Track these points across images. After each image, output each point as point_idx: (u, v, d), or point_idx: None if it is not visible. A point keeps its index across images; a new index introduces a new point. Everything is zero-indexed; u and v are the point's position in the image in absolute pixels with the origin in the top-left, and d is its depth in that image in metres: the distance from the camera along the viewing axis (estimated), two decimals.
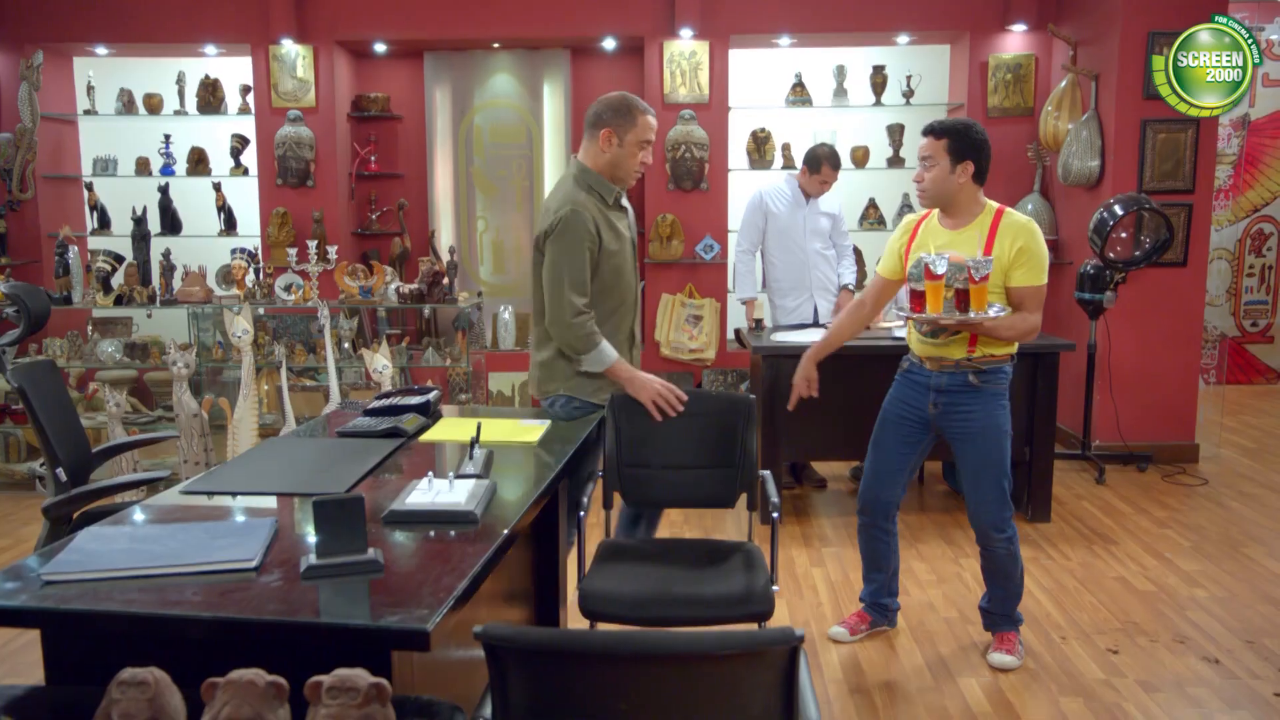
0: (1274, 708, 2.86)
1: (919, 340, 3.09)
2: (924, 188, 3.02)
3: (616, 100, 2.91)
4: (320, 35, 6.05)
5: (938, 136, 2.97)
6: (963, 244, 2.95)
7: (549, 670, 1.43)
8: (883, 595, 3.35)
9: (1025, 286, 2.93)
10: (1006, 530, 3.08)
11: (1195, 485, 5.05)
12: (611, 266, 2.94)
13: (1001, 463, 3.04)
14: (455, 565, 1.78)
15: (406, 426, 2.72)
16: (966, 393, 3.01)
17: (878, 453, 3.23)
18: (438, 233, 6.50)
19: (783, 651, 1.41)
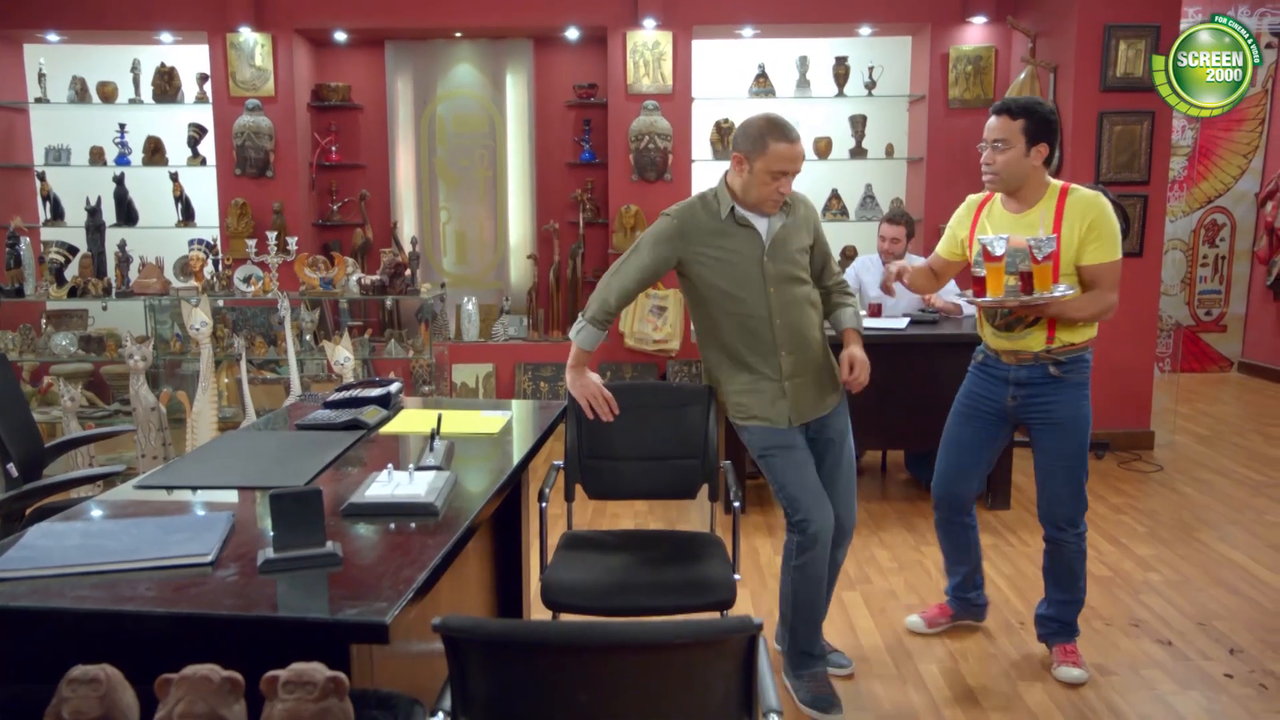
0: (1223, 688, 2.92)
1: (994, 334, 2.96)
2: (995, 171, 2.83)
3: (755, 124, 2.65)
4: (279, 23, 5.97)
5: (1014, 116, 2.78)
6: (1028, 229, 2.81)
7: (508, 661, 1.42)
8: (967, 589, 3.25)
9: (1099, 264, 2.78)
10: (1080, 525, 2.96)
11: (1151, 471, 5.14)
12: (707, 284, 2.74)
13: (1082, 455, 2.92)
14: (415, 557, 1.77)
15: (367, 419, 2.70)
16: (1048, 384, 2.89)
17: (955, 449, 3.10)
18: (400, 224, 6.45)
19: (741, 640, 1.42)
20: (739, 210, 2.70)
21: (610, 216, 6.18)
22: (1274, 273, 7.10)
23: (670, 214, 2.76)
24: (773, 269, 2.71)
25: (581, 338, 2.80)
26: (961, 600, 3.28)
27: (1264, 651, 3.15)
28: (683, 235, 2.71)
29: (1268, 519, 4.39)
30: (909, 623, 3.30)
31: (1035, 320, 2.87)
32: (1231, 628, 3.32)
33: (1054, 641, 3.08)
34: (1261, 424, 6.12)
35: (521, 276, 6.54)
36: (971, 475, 3.11)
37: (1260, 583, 3.69)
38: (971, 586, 3.26)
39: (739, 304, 2.72)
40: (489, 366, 6.27)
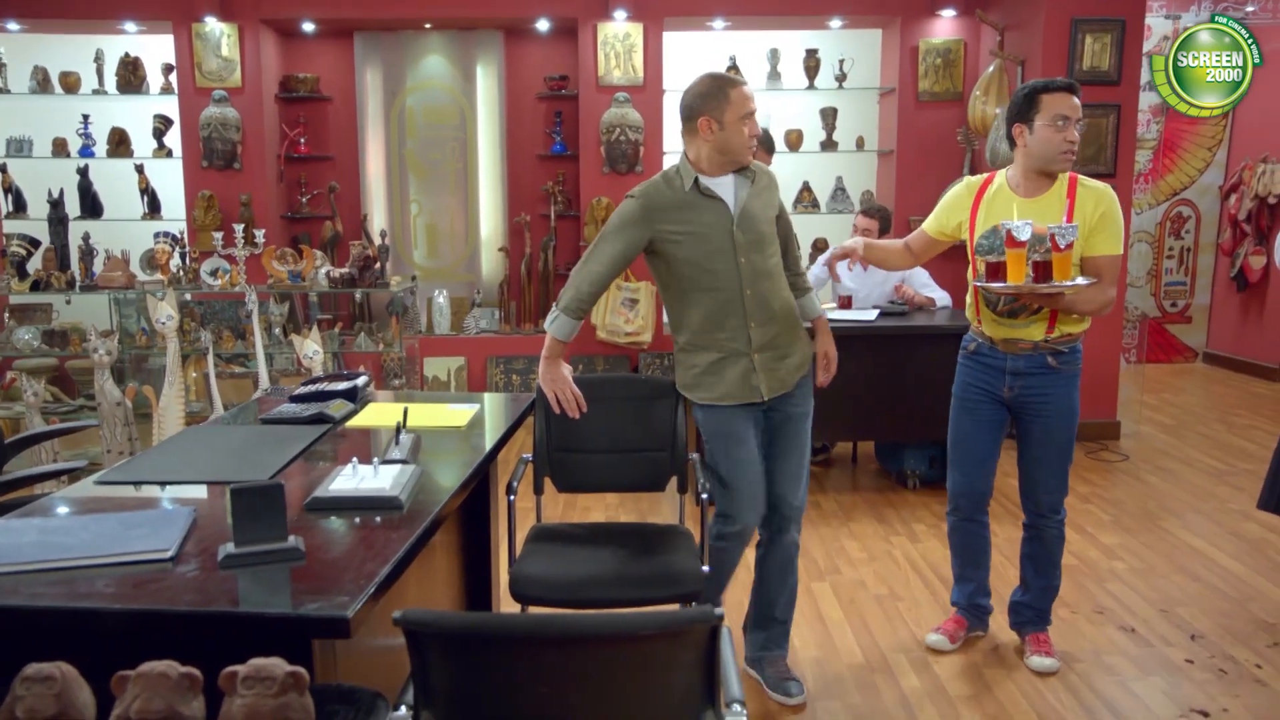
0: (1184, 673, 2.97)
1: (993, 321, 2.90)
2: (1078, 146, 2.80)
3: (704, 84, 2.61)
4: (245, 13, 5.90)
5: (1079, 95, 2.79)
6: (1041, 212, 2.79)
7: (469, 654, 1.42)
8: (979, 595, 3.18)
9: (1105, 255, 2.78)
10: (1061, 511, 2.99)
11: (1116, 461, 5.21)
12: (680, 260, 2.67)
13: (1071, 444, 2.94)
14: (379, 551, 1.76)
15: (333, 412, 2.68)
16: (1045, 375, 2.87)
17: (964, 445, 3.03)
18: (370, 216, 6.41)
19: (703, 631, 1.42)
20: (704, 182, 2.65)
21: (581, 209, 6.17)
22: (1237, 265, 7.20)
23: (634, 195, 2.69)
24: (742, 239, 2.66)
25: (556, 328, 2.73)
26: (975, 608, 3.19)
27: (1224, 637, 3.20)
28: (649, 214, 2.65)
29: (1230, 507, 4.46)
30: (931, 642, 3.14)
31: (1038, 309, 2.82)
32: (1193, 614, 3.37)
33: (1027, 630, 3.10)
34: (1225, 414, 6.21)
35: (493, 269, 6.51)
36: (987, 470, 3.05)
37: (1221, 569, 3.75)
38: (983, 593, 3.18)
39: (712, 278, 2.66)
40: (460, 360, 6.24)
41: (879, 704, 2.82)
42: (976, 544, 3.12)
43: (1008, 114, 2.86)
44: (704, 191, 2.66)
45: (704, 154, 2.65)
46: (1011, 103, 2.86)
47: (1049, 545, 3.02)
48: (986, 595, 3.19)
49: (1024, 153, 2.83)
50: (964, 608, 3.19)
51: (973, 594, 3.17)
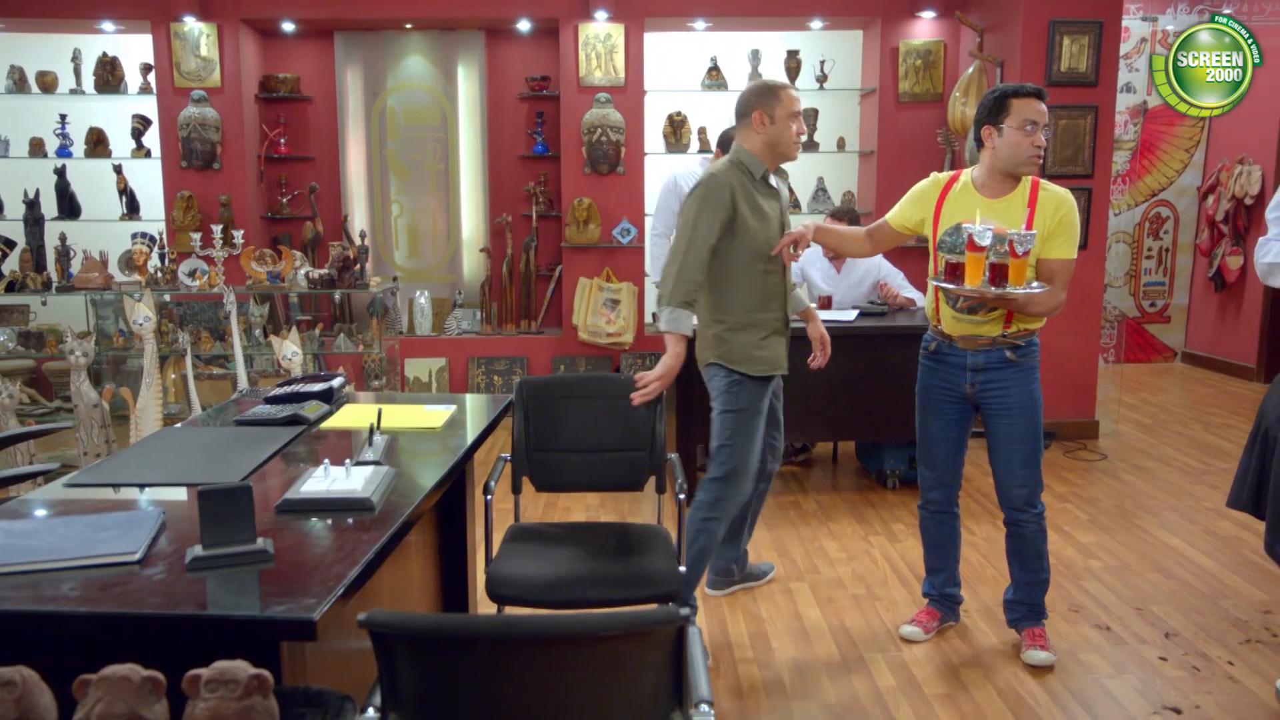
0: (1158, 670, 2.99)
1: (953, 318, 2.96)
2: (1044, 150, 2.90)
3: (758, 86, 3.04)
4: (224, 13, 5.87)
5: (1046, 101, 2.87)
6: (1004, 214, 2.84)
7: (435, 656, 1.42)
8: (949, 585, 3.23)
9: (1060, 259, 2.85)
10: (1038, 505, 3.02)
11: (1095, 460, 5.24)
12: (749, 240, 3.00)
13: (1038, 436, 2.98)
14: (348, 553, 1.76)
15: (308, 414, 2.67)
16: (1004, 369, 2.93)
17: (930, 443, 3.10)
18: (351, 217, 6.38)
19: (669, 631, 1.43)
20: (769, 174, 3.06)
21: (563, 209, 6.16)
22: (1215, 265, 7.25)
23: (716, 177, 2.97)
24: (785, 229, 3.11)
25: (680, 322, 2.92)
26: (945, 598, 3.24)
27: (1197, 634, 3.22)
28: (733, 195, 2.95)
29: (1205, 505, 4.50)
30: (906, 633, 3.19)
31: (995, 308, 2.88)
32: (1167, 612, 3.40)
33: (1023, 626, 3.12)
34: (1202, 413, 6.25)
35: (474, 270, 6.50)
36: (955, 465, 3.12)
37: (1196, 567, 3.78)
38: (953, 583, 3.24)
39: (767, 262, 3.03)
40: (442, 360, 6.23)
41: (855, 703, 2.83)
42: (947, 535, 3.19)
43: (976, 116, 2.92)
44: (769, 182, 3.08)
45: (758, 148, 3.01)
46: (981, 105, 2.91)
47: (1031, 540, 3.05)
48: (957, 585, 3.25)
49: (991, 154, 2.89)
50: (935, 598, 3.25)
51: (943, 584, 3.23)
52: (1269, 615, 3.34)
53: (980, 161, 2.95)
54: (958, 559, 3.25)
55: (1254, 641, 3.17)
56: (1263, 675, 2.94)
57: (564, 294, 6.22)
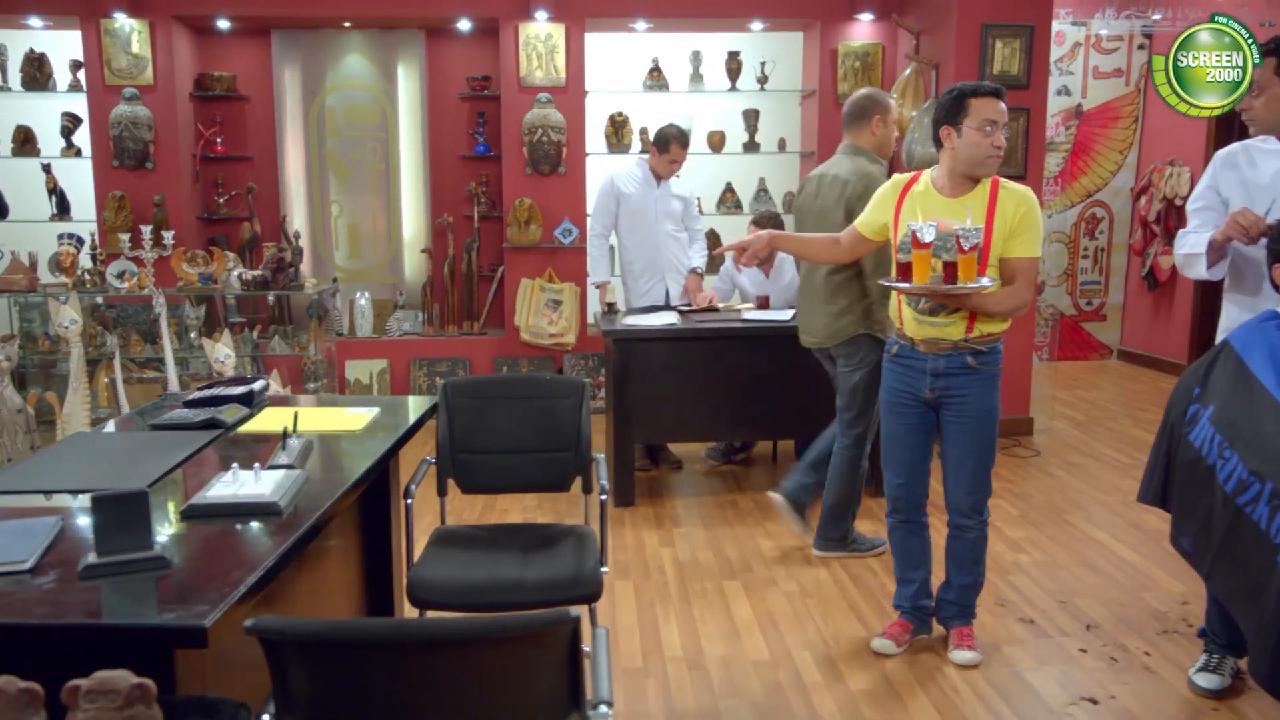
0: (1077, 662, 3.05)
1: (915, 320, 2.92)
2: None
3: (877, 93, 3.75)
4: (156, 9, 5.77)
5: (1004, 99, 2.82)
6: (958, 214, 2.80)
7: (325, 661, 1.41)
8: (921, 597, 3.16)
9: (1023, 258, 2.82)
10: (984, 512, 3.02)
11: (1028, 457, 5.33)
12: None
13: (992, 445, 2.97)
14: (250, 559, 1.73)
15: (225, 417, 2.63)
16: (964, 375, 2.89)
17: (898, 447, 3.05)
18: (289, 217, 6.30)
19: (563, 633, 1.42)
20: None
21: (505, 210, 6.14)
22: (1148, 264, 7.41)
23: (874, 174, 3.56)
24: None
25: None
26: (918, 610, 3.17)
27: (1117, 626, 3.29)
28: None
29: (1132, 500, 4.56)
30: (877, 647, 3.10)
31: (957, 308, 2.84)
32: (1090, 604, 3.47)
33: (953, 624, 3.12)
34: (1134, 409, 6.39)
35: (416, 271, 6.45)
36: (923, 469, 3.07)
37: (1120, 560, 3.86)
38: (925, 594, 3.17)
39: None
40: (383, 362, 6.18)
41: (782, 701, 2.85)
42: (916, 545, 3.13)
43: (935, 116, 2.87)
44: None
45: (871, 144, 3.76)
46: (939, 105, 2.87)
47: (973, 545, 3.05)
48: (929, 596, 3.19)
49: (951, 155, 2.84)
50: (907, 610, 3.17)
51: (915, 595, 3.16)
52: (1187, 606, 3.42)
53: (939, 162, 2.92)
54: (929, 569, 3.18)
55: (1171, 632, 3.24)
56: (1177, 665, 3.01)
57: (506, 295, 6.20)
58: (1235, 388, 2.33)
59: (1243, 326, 2.49)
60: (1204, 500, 2.35)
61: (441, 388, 2.91)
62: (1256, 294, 2.66)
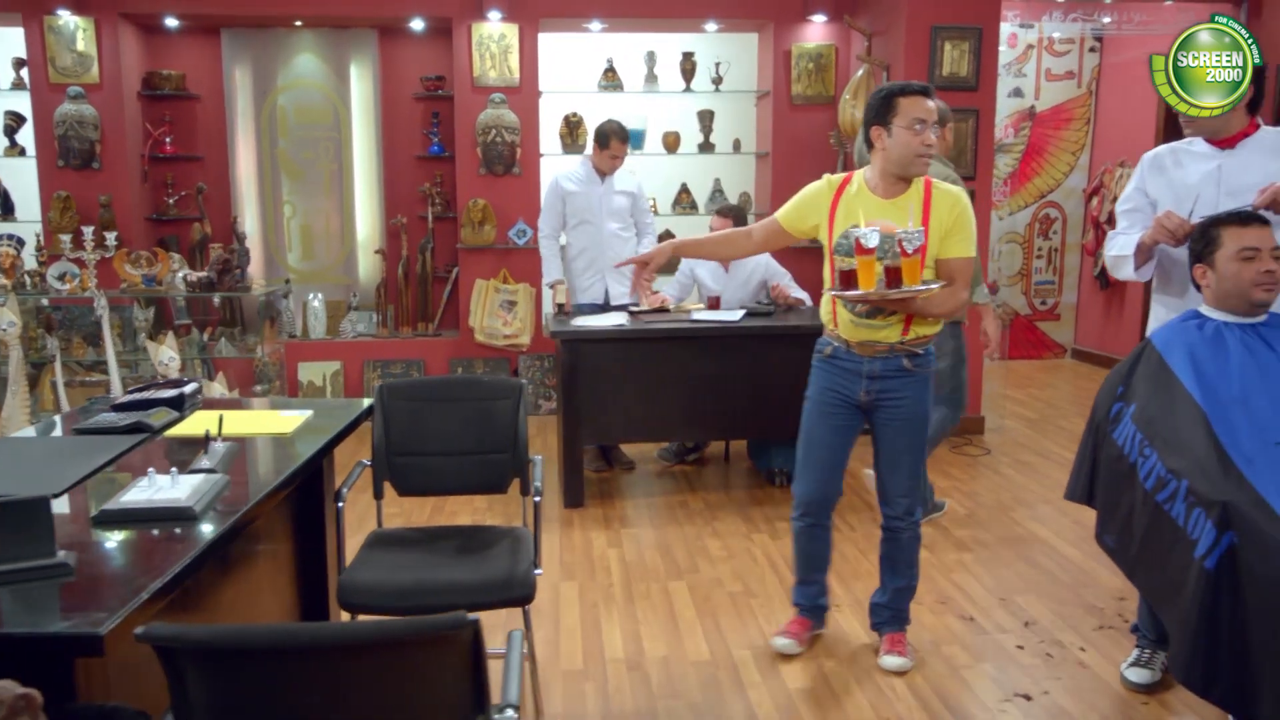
0: (1013, 659, 3.08)
1: (851, 322, 2.87)
2: (935, 148, 2.83)
3: (943, 104, 3.50)
4: (101, 7, 5.68)
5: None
6: (899, 214, 2.77)
7: (220, 668, 1.39)
8: (821, 596, 3.17)
9: (959, 258, 2.81)
10: (917, 513, 3.03)
11: (979, 455, 5.38)
12: None
13: (923, 446, 2.98)
14: (157, 565, 1.71)
15: (152, 421, 2.60)
16: (900, 378, 2.89)
17: (820, 449, 3.01)
18: (241, 218, 6.23)
19: (465, 635, 1.41)
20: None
21: (459, 210, 6.11)
22: (1099, 264, 7.50)
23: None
24: None
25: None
26: (815, 609, 3.19)
27: (1055, 622, 3.33)
28: None
29: None
30: (779, 646, 3.10)
31: (894, 310, 2.83)
32: (1029, 601, 3.50)
33: (886, 630, 3.11)
34: (1085, 407, 6.39)
35: (370, 272, 6.40)
36: (837, 475, 3.05)
37: (1062, 557, 3.90)
38: (824, 593, 3.19)
39: None
40: (337, 364, 6.13)
41: (719, 700, 2.86)
42: (820, 548, 3.13)
43: (865, 117, 2.86)
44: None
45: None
46: (868, 106, 2.85)
47: (905, 547, 3.06)
48: (827, 595, 3.21)
49: (882, 155, 2.82)
50: (806, 609, 3.18)
51: (815, 596, 3.17)
52: (1123, 602, 3.46)
53: (871, 163, 2.90)
54: (828, 570, 3.19)
55: (1106, 628, 3.28)
56: (1111, 660, 3.05)
57: (461, 296, 6.17)
58: (1156, 387, 2.36)
59: (1165, 326, 2.53)
60: (1126, 498, 2.37)
61: (377, 390, 2.89)
62: (1183, 295, 2.69)
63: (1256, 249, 2.36)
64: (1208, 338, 2.38)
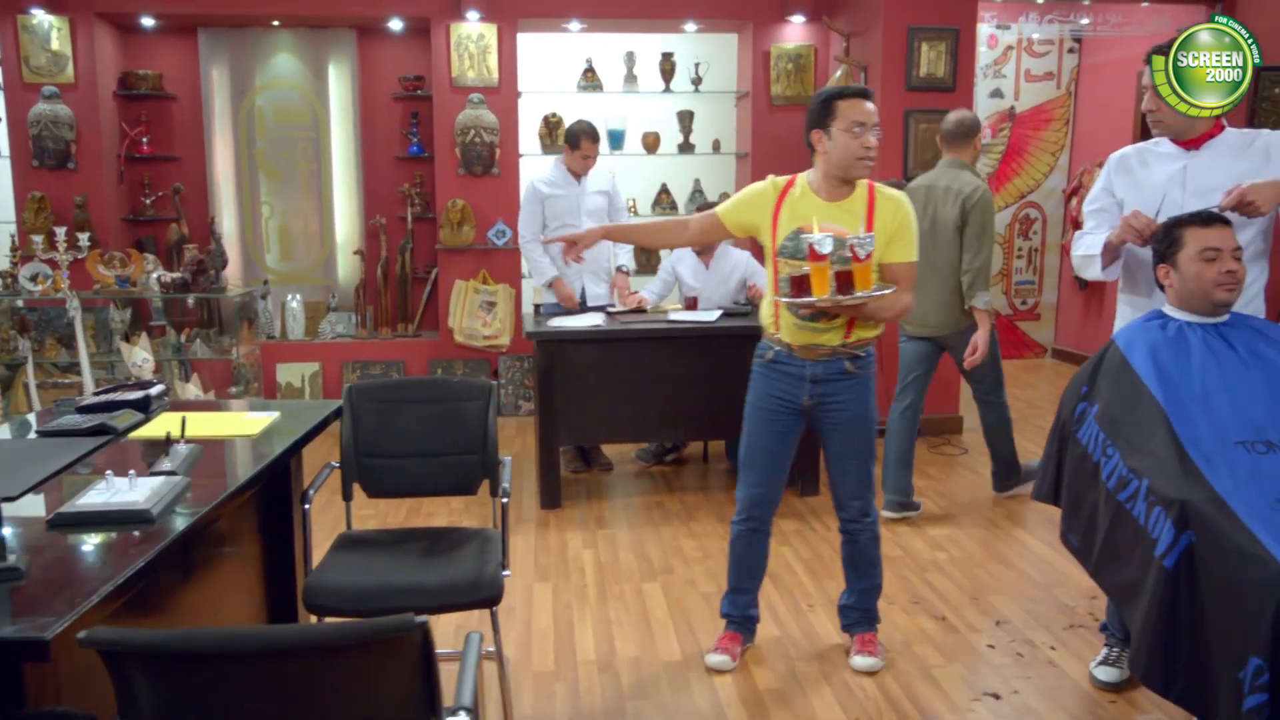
0: (984, 658, 3.09)
1: (794, 326, 2.86)
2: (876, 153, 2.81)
3: (974, 115, 4.24)
4: (76, 6, 5.65)
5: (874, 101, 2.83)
6: (844, 218, 2.77)
7: (166, 672, 1.38)
8: (751, 607, 3.14)
9: (903, 262, 2.82)
10: (872, 513, 3.04)
11: (956, 455, 5.39)
12: None
13: (871, 447, 2.99)
14: (110, 568, 1.70)
15: (116, 423, 2.58)
16: (842, 381, 2.89)
17: (763, 455, 3.00)
18: (219, 218, 6.20)
19: (414, 638, 1.41)
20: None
21: (438, 211, 6.09)
22: None
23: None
24: None
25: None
26: (746, 620, 3.15)
27: (1026, 621, 3.34)
28: None
29: None
30: (713, 663, 3.02)
31: (837, 315, 2.81)
32: (1002, 600, 3.51)
33: (856, 631, 3.11)
34: None
35: (349, 272, 6.38)
36: (779, 480, 3.05)
37: (1035, 556, 3.92)
38: (754, 604, 3.16)
39: None
40: (316, 365, 6.10)
41: (689, 701, 2.86)
42: (758, 555, 3.11)
43: (807, 121, 2.87)
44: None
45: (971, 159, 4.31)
46: (809, 110, 2.87)
47: (865, 547, 3.06)
48: (757, 606, 3.17)
49: (824, 159, 2.83)
50: (736, 620, 3.13)
51: (747, 605, 3.13)
52: (1095, 601, 3.47)
53: (814, 166, 2.90)
54: (762, 580, 3.16)
55: (1077, 626, 3.30)
56: (1080, 659, 3.06)
57: (440, 297, 6.15)
58: (1119, 386, 2.37)
59: (1129, 326, 2.54)
60: (1090, 497, 2.38)
61: (345, 391, 2.87)
62: (1149, 295, 2.71)
63: (1218, 249, 2.37)
64: (1170, 338, 2.39)
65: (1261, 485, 2.05)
